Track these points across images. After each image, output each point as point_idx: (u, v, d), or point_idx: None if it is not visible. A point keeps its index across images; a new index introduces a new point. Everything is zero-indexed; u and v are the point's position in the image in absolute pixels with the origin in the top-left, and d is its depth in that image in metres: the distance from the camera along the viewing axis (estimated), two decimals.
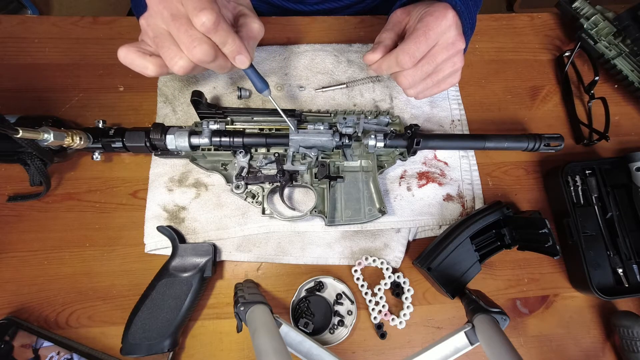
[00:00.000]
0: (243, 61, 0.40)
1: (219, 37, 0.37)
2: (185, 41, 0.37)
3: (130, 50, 0.40)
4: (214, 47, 0.38)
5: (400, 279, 0.51)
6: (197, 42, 0.36)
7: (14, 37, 0.56)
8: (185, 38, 0.36)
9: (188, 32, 0.36)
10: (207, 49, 0.37)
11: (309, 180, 0.51)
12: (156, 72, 0.40)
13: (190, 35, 0.36)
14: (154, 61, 0.40)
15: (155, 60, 0.40)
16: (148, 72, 0.40)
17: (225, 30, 0.37)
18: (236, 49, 0.39)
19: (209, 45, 0.37)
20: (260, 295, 0.45)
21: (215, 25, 0.36)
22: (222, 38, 0.37)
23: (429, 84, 0.46)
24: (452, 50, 0.44)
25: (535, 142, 0.51)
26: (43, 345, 0.44)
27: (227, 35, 0.37)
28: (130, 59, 0.40)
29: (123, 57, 0.40)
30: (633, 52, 0.58)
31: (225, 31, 0.37)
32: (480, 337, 0.40)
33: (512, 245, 0.50)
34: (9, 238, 0.49)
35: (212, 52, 0.37)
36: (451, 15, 0.42)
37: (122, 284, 0.49)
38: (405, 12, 0.47)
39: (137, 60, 0.40)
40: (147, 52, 0.40)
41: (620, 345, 0.50)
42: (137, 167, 0.53)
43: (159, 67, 0.40)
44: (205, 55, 0.37)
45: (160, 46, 0.38)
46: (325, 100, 0.57)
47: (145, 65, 0.40)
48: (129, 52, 0.40)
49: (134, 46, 0.40)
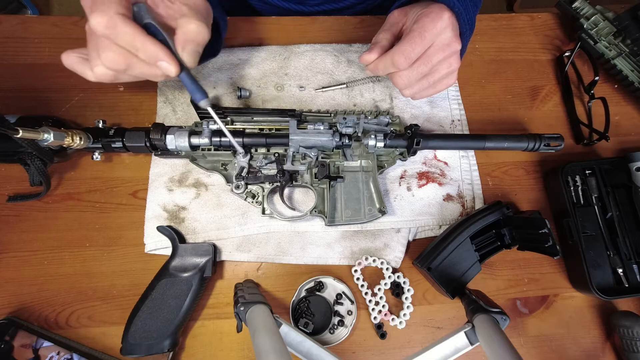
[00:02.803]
0: (167, 68, 0.36)
1: (123, 42, 0.33)
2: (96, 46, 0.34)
3: (71, 55, 0.38)
4: (123, 54, 0.34)
5: (400, 279, 0.51)
6: (102, 49, 0.34)
7: (14, 37, 0.56)
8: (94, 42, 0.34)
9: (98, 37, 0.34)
10: (113, 56, 0.34)
11: (309, 180, 0.51)
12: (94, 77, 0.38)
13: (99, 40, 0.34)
14: None
15: None
16: (89, 78, 0.38)
17: (128, 33, 0.33)
18: (152, 54, 0.35)
19: (115, 52, 0.34)
20: (260, 295, 0.45)
21: (110, 29, 0.32)
22: (127, 42, 0.34)
23: (425, 85, 0.46)
24: (448, 52, 0.44)
25: (535, 142, 0.51)
26: (43, 345, 0.44)
27: (134, 39, 0.33)
28: (70, 63, 0.39)
29: (64, 61, 0.39)
30: (633, 52, 0.58)
31: (129, 35, 0.33)
32: (480, 337, 0.40)
33: (512, 245, 0.50)
34: (9, 238, 0.49)
35: (119, 59, 0.34)
36: (447, 17, 0.42)
37: (122, 284, 0.49)
38: (402, 13, 0.47)
39: (76, 65, 0.38)
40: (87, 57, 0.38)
41: (620, 345, 0.50)
42: (137, 167, 0.53)
43: None
44: (112, 62, 0.34)
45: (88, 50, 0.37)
46: (325, 100, 0.57)
47: (84, 71, 0.38)
48: (69, 57, 0.38)
49: (76, 51, 0.39)
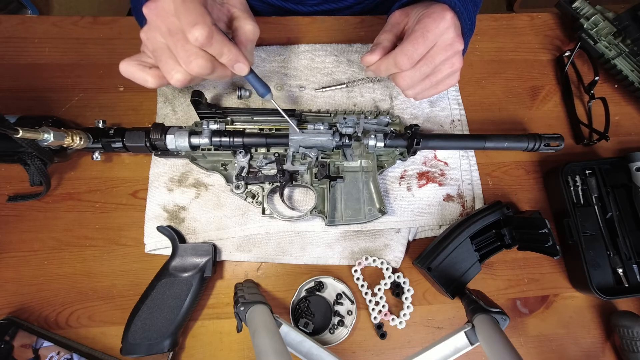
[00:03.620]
0: (242, 69, 0.41)
1: (214, 49, 0.37)
2: (182, 55, 0.37)
3: (131, 63, 0.41)
4: (211, 60, 0.38)
5: (400, 279, 0.51)
6: (194, 57, 0.37)
7: (14, 37, 0.56)
8: (182, 52, 0.37)
9: (185, 47, 0.37)
10: (204, 63, 0.37)
11: (309, 180, 0.51)
12: (156, 84, 0.41)
13: (187, 49, 0.37)
14: (153, 73, 0.41)
15: (155, 73, 0.41)
16: (148, 85, 0.41)
17: (219, 41, 0.37)
18: (233, 58, 0.39)
19: (205, 59, 0.37)
20: (260, 295, 0.45)
21: (209, 39, 0.36)
22: (217, 50, 0.38)
23: (427, 85, 0.46)
24: (451, 52, 0.44)
25: (535, 142, 0.51)
26: (43, 345, 0.44)
27: (223, 46, 0.37)
28: (130, 72, 0.41)
29: (124, 70, 0.41)
30: (633, 52, 0.58)
31: (220, 42, 0.37)
32: (480, 337, 0.40)
33: (512, 245, 0.50)
34: (9, 238, 0.49)
35: (209, 65, 0.38)
36: (449, 17, 0.42)
37: (122, 284, 0.49)
38: (404, 14, 0.47)
39: (137, 74, 0.41)
40: (147, 64, 0.41)
41: (620, 345, 0.50)
42: (137, 167, 0.53)
43: (158, 79, 0.41)
44: (202, 68, 0.38)
45: (158, 59, 0.39)
46: (325, 100, 0.57)
47: (145, 78, 0.41)
48: (130, 65, 0.41)
49: (134, 59, 0.41)
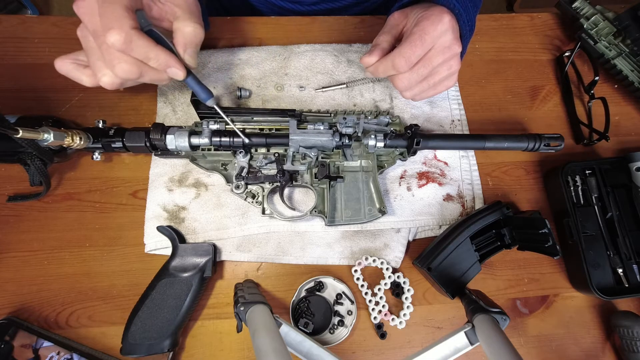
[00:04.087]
0: (176, 73, 0.39)
1: (137, 54, 0.36)
2: (107, 58, 0.36)
3: (66, 62, 0.40)
4: (137, 64, 0.36)
5: (400, 279, 0.51)
6: (117, 61, 0.35)
7: (14, 37, 0.56)
8: (106, 55, 0.36)
9: (109, 50, 0.35)
10: (128, 67, 0.36)
11: (309, 180, 0.51)
12: (91, 83, 0.40)
13: (111, 52, 0.35)
14: (88, 73, 0.39)
15: (89, 72, 0.39)
16: (84, 84, 0.40)
17: (142, 46, 0.35)
18: (163, 62, 0.37)
19: (129, 64, 0.36)
20: (260, 295, 0.45)
21: (127, 44, 0.34)
22: (142, 54, 0.36)
23: (425, 87, 0.46)
24: (448, 54, 0.44)
25: (535, 142, 0.51)
26: (43, 345, 0.44)
27: (148, 51, 0.36)
28: (66, 70, 0.40)
29: (59, 68, 0.40)
30: (633, 52, 0.58)
31: (144, 47, 0.35)
32: (480, 337, 0.40)
33: (512, 245, 0.50)
34: (9, 238, 0.49)
35: (134, 69, 0.36)
36: (447, 19, 0.42)
37: (122, 284, 0.49)
38: (402, 15, 0.47)
39: (72, 72, 0.40)
40: (83, 63, 0.40)
41: (620, 345, 0.50)
42: (137, 167, 0.53)
43: (93, 79, 0.39)
44: (126, 73, 0.36)
45: (89, 60, 0.38)
46: (325, 100, 0.57)
47: (80, 77, 0.40)
48: (65, 63, 0.40)
49: (71, 57, 0.40)
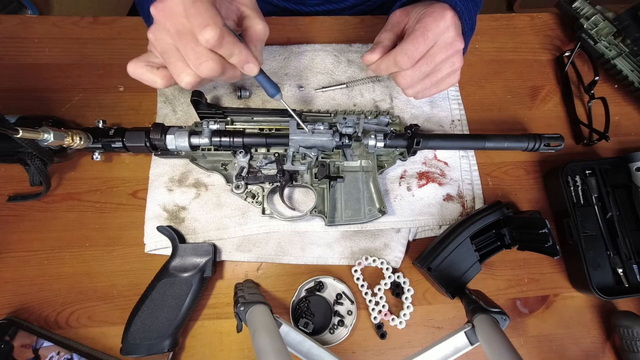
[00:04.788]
0: (252, 69, 0.40)
1: (224, 51, 0.37)
2: (192, 58, 0.36)
3: (139, 64, 0.40)
4: (221, 62, 0.37)
5: (400, 279, 0.51)
6: (204, 59, 0.36)
7: (14, 37, 0.56)
8: (192, 54, 0.36)
9: (194, 49, 0.36)
10: (214, 65, 0.37)
11: (309, 180, 0.51)
12: (165, 84, 0.40)
13: (197, 52, 0.36)
14: (162, 74, 0.40)
15: (164, 74, 0.40)
16: (157, 85, 0.40)
17: (230, 42, 0.36)
18: (244, 59, 0.38)
19: (215, 62, 0.37)
20: (260, 295, 0.45)
21: (220, 41, 0.35)
22: (228, 51, 0.37)
23: (428, 84, 0.46)
24: (451, 51, 0.44)
25: (535, 142, 0.51)
26: (43, 345, 0.44)
27: (233, 47, 0.37)
28: (139, 73, 0.40)
29: (132, 72, 0.40)
30: (633, 52, 0.58)
31: (231, 44, 0.36)
32: (480, 337, 0.40)
33: (512, 245, 0.50)
34: (9, 238, 0.49)
35: (218, 67, 0.37)
36: (449, 16, 0.42)
37: (122, 284, 0.49)
38: (404, 13, 0.47)
39: (146, 75, 0.40)
40: (155, 64, 0.40)
41: (620, 345, 0.50)
42: (137, 167, 0.53)
43: (167, 80, 0.40)
44: (212, 71, 0.37)
45: (167, 61, 0.38)
46: (325, 100, 0.57)
47: (154, 79, 0.40)
48: (138, 66, 0.40)
49: (142, 60, 0.40)
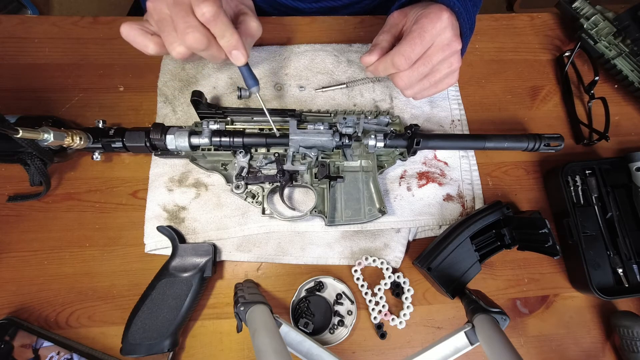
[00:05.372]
0: (239, 57, 0.41)
1: (217, 29, 0.38)
2: (180, 27, 0.37)
3: (133, 27, 0.41)
4: (208, 37, 0.38)
5: (400, 279, 0.51)
6: (191, 30, 0.37)
7: (14, 37, 0.56)
8: (181, 24, 0.37)
9: (185, 19, 0.37)
10: (200, 37, 0.38)
11: (309, 180, 0.51)
12: (156, 51, 0.41)
13: (187, 21, 0.37)
14: (155, 40, 0.41)
15: (157, 40, 0.41)
16: (148, 51, 0.41)
17: (224, 23, 0.38)
18: (233, 44, 0.40)
19: (202, 34, 0.38)
20: (260, 295, 0.45)
21: (215, 17, 0.37)
22: (220, 31, 0.38)
23: (426, 85, 0.46)
24: (448, 51, 0.44)
25: (535, 142, 0.51)
26: (43, 345, 0.44)
27: (226, 29, 0.38)
28: (132, 36, 0.41)
29: (125, 33, 0.41)
30: (633, 52, 0.58)
31: (225, 24, 0.38)
32: (480, 337, 0.40)
33: (512, 245, 0.50)
34: (9, 238, 0.49)
35: (204, 40, 0.38)
36: (446, 17, 0.42)
37: (122, 284, 0.49)
38: (402, 14, 0.47)
39: (139, 38, 0.41)
40: (150, 31, 0.41)
41: (620, 345, 0.50)
42: (137, 167, 0.53)
43: (159, 47, 0.41)
44: (197, 42, 0.38)
45: (162, 30, 0.39)
46: (325, 100, 0.57)
47: (146, 44, 0.41)
48: (132, 29, 0.41)
49: (137, 24, 0.41)
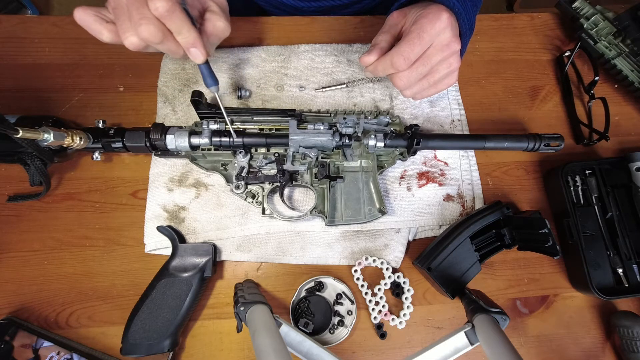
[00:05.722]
0: (196, 55, 0.41)
1: (173, 25, 0.38)
2: (134, 17, 0.37)
3: (88, 13, 0.40)
4: (163, 31, 0.38)
5: (400, 279, 0.51)
6: (145, 21, 0.37)
7: (14, 37, 0.56)
8: (135, 14, 0.37)
9: (139, 10, 0.37)
10: (153, 30, 0.37)
11: (309, 180, 0.51)
12: (110, 39, 0.40)
13: (141, 13, 0.37)
14: (109, 28, 0.40)
15: (112, 28, 0.40)
16: (103, 38, 0.40)
17: (180, 19, 0.38)
18: (191, 41, 0.40)
19: (156, 27, 0.37)
20: (260, 295, 0.45)
21: (170, 13, 0.36)
22: (176, 27, 0.38)
23: (425, 85, 0.46)
24: (447, 52, 0.44)
25: (535, 142, 0.51)
26: (43, 345, 0.44)
27: (182, 25, 0.38)
28: (86, 22, 0.40)
29: (79, 19, 0.40)
30: (633, 52, 0.58)
31: (181, 21, 0.38)
32: (480, 337, 0.40)
33: (512, 245, 0.50)
34: (9, 238, 0.49)
35: (158, 34, 0.38)
36: (445, 17, 0.42)
37: (122, 284, 0.49)
38: (401, 14, 0.47)
39: (94, 25, 0.40)
40: (106, 18, 0.40)
41: (620, 345, 0.50)
42: (137, 167, 0.53)
43: (114, 34, 0.40)
44: (150, 35, 0.37)
45: (117, 18, 0.39)
46: (325, 100, 0.57)
47: (101, 31, 0.40)
48: (86, 14, 0.40)
49: (92, 9, 0.40)
